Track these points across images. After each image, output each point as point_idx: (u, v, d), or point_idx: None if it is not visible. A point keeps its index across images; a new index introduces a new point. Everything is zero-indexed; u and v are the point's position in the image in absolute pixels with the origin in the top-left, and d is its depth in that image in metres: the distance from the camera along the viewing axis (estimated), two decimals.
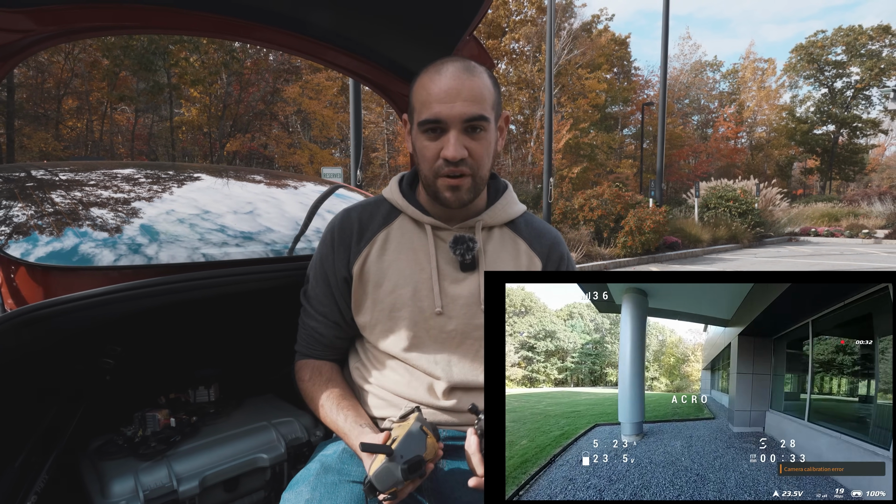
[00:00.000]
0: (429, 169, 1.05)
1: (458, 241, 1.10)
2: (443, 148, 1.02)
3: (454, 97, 1.00)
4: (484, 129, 1.04)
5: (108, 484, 1.22)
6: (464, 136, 1.02)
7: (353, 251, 1.14)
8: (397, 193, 1.17)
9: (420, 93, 1.04)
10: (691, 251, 13.01)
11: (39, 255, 1.34)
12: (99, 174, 2.01)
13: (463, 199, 1.07)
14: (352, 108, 9.18)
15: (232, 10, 1.43)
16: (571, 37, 25.06)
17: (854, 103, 36.32)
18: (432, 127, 1.02)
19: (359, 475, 1.01)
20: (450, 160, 1.01)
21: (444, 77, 1.01)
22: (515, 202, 1.22)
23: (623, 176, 27.29)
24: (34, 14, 1.19)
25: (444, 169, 1.03)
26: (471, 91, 1.01)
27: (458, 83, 1.00)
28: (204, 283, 1.30)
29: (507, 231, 1.19)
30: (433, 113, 1.01)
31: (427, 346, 1.10)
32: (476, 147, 1.03)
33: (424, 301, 1.09)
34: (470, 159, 1.03)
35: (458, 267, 1.12)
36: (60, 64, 16.44)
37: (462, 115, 1.00)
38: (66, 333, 1.23)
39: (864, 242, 16.57)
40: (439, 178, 1.05)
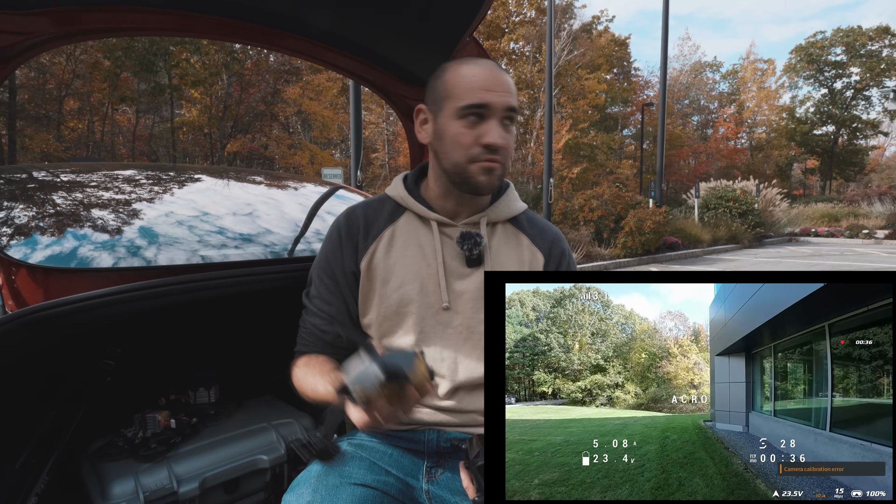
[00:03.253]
0: (463, 155, 1.05)
1: (466, 236, 1.11)
2: (481, 135, 1.03)
3: (497, 86, 1.03)
4: (514, 123, 1.08)
5: (108, 485, 1.23)
6: (500, 126, 1.05)
7: (360, 247, 1.14)
8: (402, 190, 1.18)
9: (459, 80, 1.05)
10: (691, 252, 13.01)
11: (40, 257, 1.34)
12: (100, 175, 2.01)
13: (494, 184, 1.08)
14: (352, 108, 9.18)
15: (233, 12, 1.43)
16: (571, 38, 25.07)
17: (854, 104, 36.34)
18: (476, 112, 1.03)
19: (360, 477, 1.01)
20: (492, 146, 1.03)
21: (484, 67, 1.05)
22: (517, 199, 1.24)
23: (623, 176, 27.28)
24: (37, 16, 1.19)
25: (482, 155, 1.04)
26: (508, 84, 1.05)
27: (499, 75, 1.05)
28: (204, 285, 1.30)
29: (510, 227, 1.20)
30: (479, 98, 1.02)
31: (433, 342, 1.10)
32: (509, 139, 1.07)
33: (431, 297, 1.10)
34: (504, 150, 1.06)
35: (463, 262, 1.13)
36: (62, 65, 16.45)
37: (505, 104, 1.04)
38: (67, 335, 1.23)
39: (864, 243, 16.57)
40: (474, 163, 1.05)
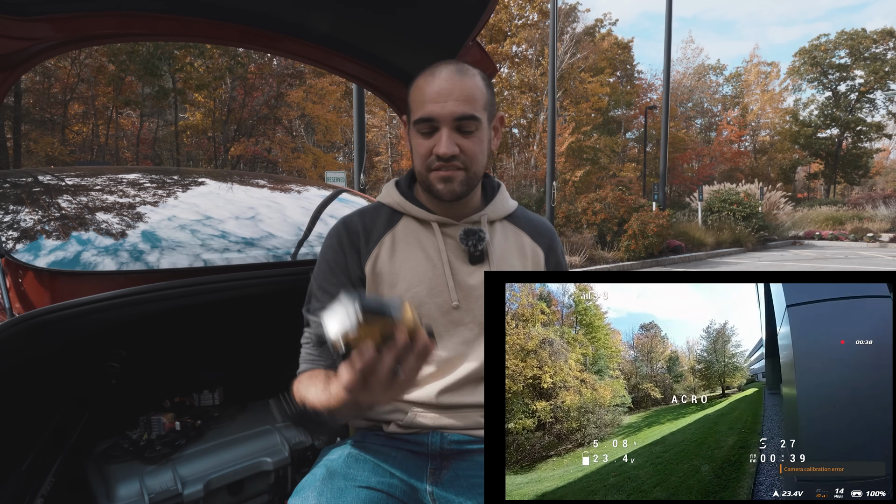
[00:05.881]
0: (422, 164, 1.10)
1: (469, 233, 1.14)
2: (433, 145, 1.07)
3: (446, 97, 1.05)
4: (475, 128, 1.08)
5: (113, 487, 1.23)
6: (455, 133, 1.07)
7: (362, 252, 1.15)
8: (398, 196, 1.19)
9: (415, 94, 1.10)
10: (695, 255, 12.98)
11: (46, 260, 1.35)
12: (105, 179, 2.02)
13: (455, 191, 1.10)
14: (355, 112, 9.20)
15: (237, 17, 1.44)
16: (574, 41, 25.08)
17: (858, 107, 36.22)
18: (426, 125, 1.07)
19: (365, 480, 1.01)
20: (441, 156, 1.06)
21: (437, 79, 1.07)
22: (509, 198, 1.27)
23: (626, 179, 27.28)
24: (42, 22, 1.20)
25: (435, 164, 1.08)
26: (462, 91, 1.06)
27: (449, 84, 1.06)
28: (209, 288, 1.31)
29: (509, 224, 1.23)
30: (426, 112, 1.06)
31: (446, 341, 1.11)
32: (468, 144, 1.08)
33: (440, 297, 1.12)
34: (462, 155, 1.08)
35: (467, 260, 1.14)
36: (67, 69, 16.55)
37: (453, 113, 1.05)
38: (73, 337, 1.24)
39: (868, 246, 16.50)
40: (431, 171, 1.09)
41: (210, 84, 18.19)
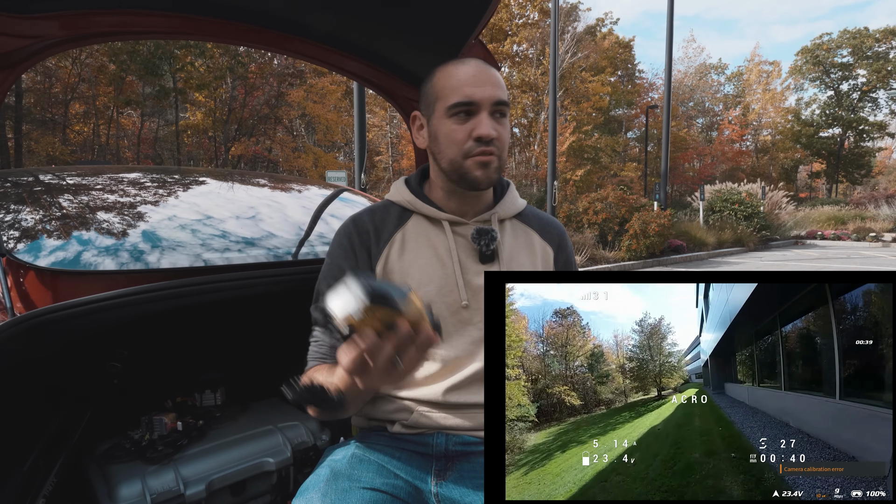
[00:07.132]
0: (458, 151, 1.07)
1: (481, 232, 1.13)
2: (473, 128, 1.05)
3: (484, 81, 1.06)
4: (506, 116, 1.09)
5: (115, 487, 1.23)
6: (491, 119, 1.06)
7: (373, 252, 1.14)
8: (408, 194, 1.18)
9: (446, 80, 1.08)
10: (696, 254, 12.97)
11: (48, 260, 1.35)
12: (105, 178, 2.02)
13: (492, 178, 1.09)
14: (356, 111, 9.21)
15: (238, 15, 1.44)
16: (575, 40, 25.06)
17: (860, 106, 36.15)
18: (464, 109, 1.06)
19: (369, 481, 1.01)
20: (483, 138, 1.05)
21: (469, 66, 1.08)
22: (518, 196, 1.26)
23: (627, 179, 27.23)
24: (43, 20, 1.20)
25: (475, 149, 1.06)
26: (496, 78, 1.07)
27: (484, 69, 1.07)
28: (211, 287, 1.31)
29: (518, 223, 1.22)
30: (465, 95, 1.05)
31: (455, 340, 1.11)
32: (502, 131, 1.08)
33: (450, 296, 1.11)
34: (497, 141, 1.07)
35: (477, 260, 1.14)
36: (67, 69, 16.56)
37: (493, 97, 1.05)
38: (74, 337, 1.24)
39: (871, 246, 16.47)
40: (469, 158, 1.07)
41: (211, 84, 18.20)
